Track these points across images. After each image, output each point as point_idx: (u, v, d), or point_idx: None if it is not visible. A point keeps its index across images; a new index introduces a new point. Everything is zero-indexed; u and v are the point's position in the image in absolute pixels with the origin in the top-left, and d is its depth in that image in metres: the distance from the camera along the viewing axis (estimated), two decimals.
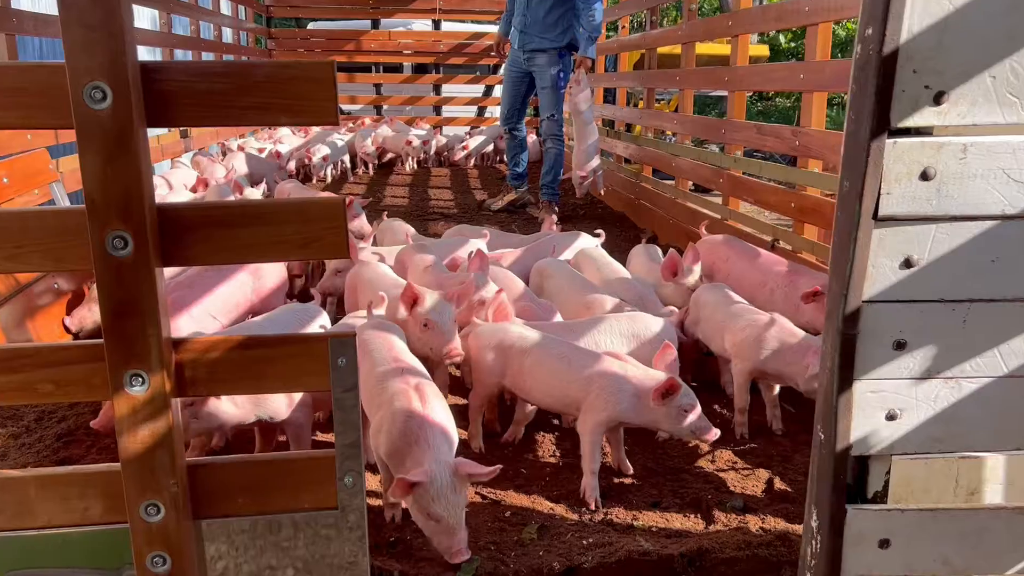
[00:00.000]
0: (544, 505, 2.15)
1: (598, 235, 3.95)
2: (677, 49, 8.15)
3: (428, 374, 2.16)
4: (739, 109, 4.19)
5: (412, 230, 3.80)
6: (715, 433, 2.12)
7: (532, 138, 8.63)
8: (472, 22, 10.98)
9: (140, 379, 1.49)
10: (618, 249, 5.32)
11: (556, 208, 6.18)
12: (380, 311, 2.51)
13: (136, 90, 1.42)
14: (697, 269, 3.18)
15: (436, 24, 10.49)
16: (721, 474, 2.31)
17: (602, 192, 5.98)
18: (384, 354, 2.16)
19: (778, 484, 2.24)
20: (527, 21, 5.82)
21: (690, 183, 5.08)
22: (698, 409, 2.11)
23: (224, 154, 7.77)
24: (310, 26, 11.31)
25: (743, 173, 4.19)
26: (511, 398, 2.64)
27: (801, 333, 2.49)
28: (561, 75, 5.84)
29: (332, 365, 1.61)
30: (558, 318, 2.88)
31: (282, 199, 1.61)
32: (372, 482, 2.25)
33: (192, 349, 1.57)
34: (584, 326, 2.61)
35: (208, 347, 1.58)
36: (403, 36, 10.44)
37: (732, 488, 2.23)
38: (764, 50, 15.20)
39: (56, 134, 3.86)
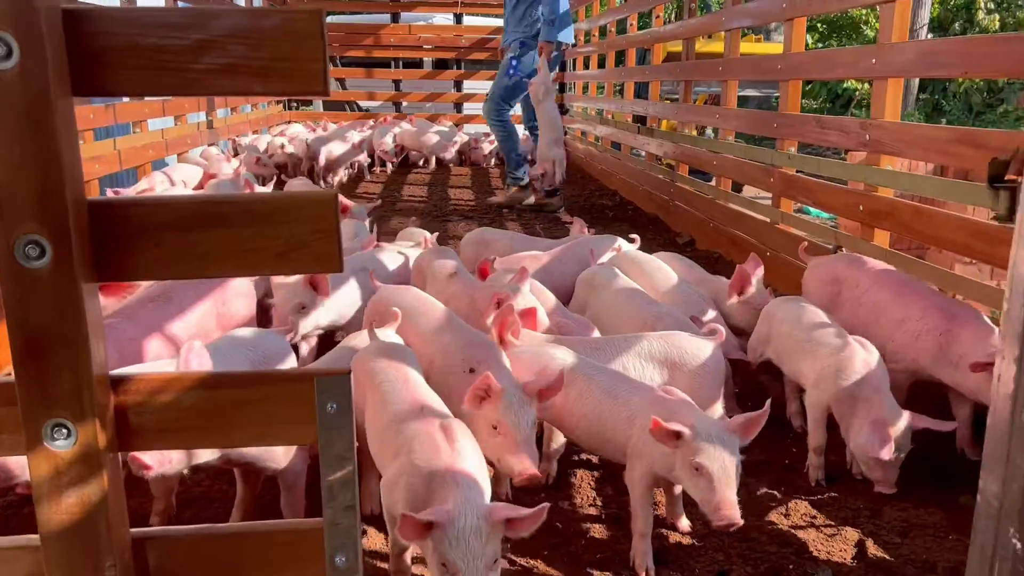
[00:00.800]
0: (584, 574, 1.76)
1: (633, 240, 3.54)
2: (711, 46, 7.74)
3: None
4: (794, 101, 3.78)
5: (430, 236, 3.41)
6: (730, 520, 1.61)
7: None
8: (495, 16, 10.60)
9: (65, 430, 1.13)
10: (650, 253, 4.92)
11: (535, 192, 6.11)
12: (389, 331, 2.11)
13: (54, 45, 1.06)
14: (759, 281, 2.79)
15: (458, 18, 10.12)
16: (799, 533, 1.91)
17: (557, 180, 5.81)
18: (398, 389, 1.76)
19: (872, 548, 1.83)
20: (504, 18, 6.13)
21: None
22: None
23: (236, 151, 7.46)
24: (328, 20, 10.96)
25: (796, 171, 3.77)
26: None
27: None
28: (514, 62, 5.98)
29: (320, 411, 1.23)
30: (597, 333, 2.50)
31: (253, 193, 1.25)
32: (377, 541, 1.87)
33: (137, 390, 1.20)
34: (608, 347, 2.21)
35: (158, 387, 1.21)
36: (423, 30, 10.09)
37: (815, 552, 1.82)
38: (775, 48, 14.71)
39: None
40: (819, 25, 20.07)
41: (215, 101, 6.85)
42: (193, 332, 2.27)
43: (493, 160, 9.04)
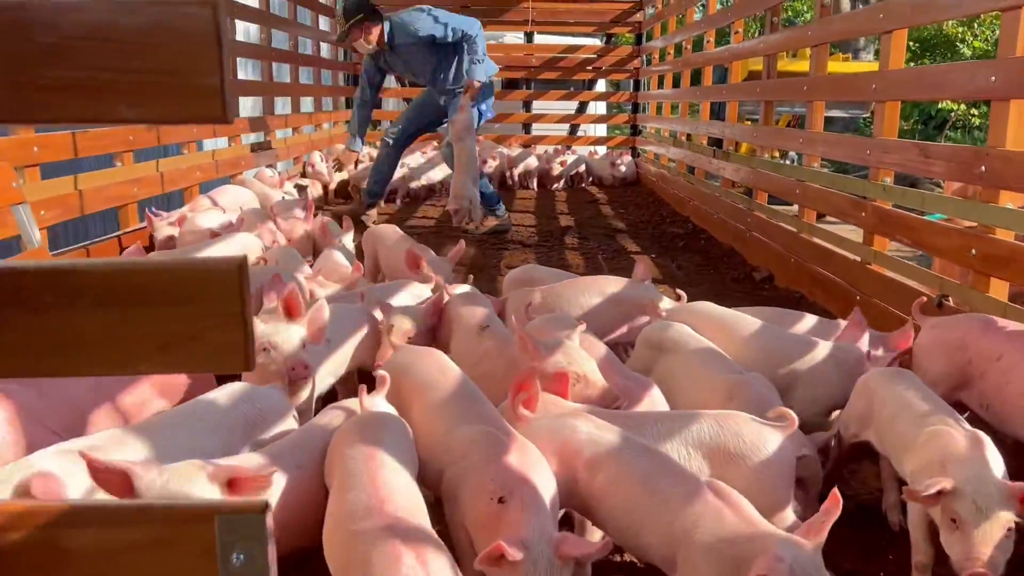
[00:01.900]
0: None
1: (680, 298, 3.03)
2: (796, 65, 7.21)
3: None
4: (891, 125, 3.29)
5: (415, 245, 3.11)
6: None
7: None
8: (567, 35, 10.27)
9: None
10: (726, 291, 4.45)
11: None
12: (378, 399, 1.76)
13: None
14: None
15: (528, 37, 9.82)
16: None
17: (473, 226, 5.65)
18: (361, 485, 1.42)
19: None
20: (429, 84, 6.00)
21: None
22: None
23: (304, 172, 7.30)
24: None
25: (894, 205, 3.28)
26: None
27: None
28: (483, 108, 5.82)
29: (223, 564, 0.88)
30: (658, 400, 2.07)
31: (129, 260, 0.91)
32: None
33: None
34: (648, 425, 1.79)
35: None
36: (493, 50, 9.79)
37: None
38: (873, 67, 13.89)
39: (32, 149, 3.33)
40: (911, 43, 19.12)
41: (270, 121, 6.69)
42: (119, 399, 1.93)
43: (562, 183, 8.68)
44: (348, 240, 3.92)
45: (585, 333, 2.30)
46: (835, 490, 1.37)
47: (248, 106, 6.99)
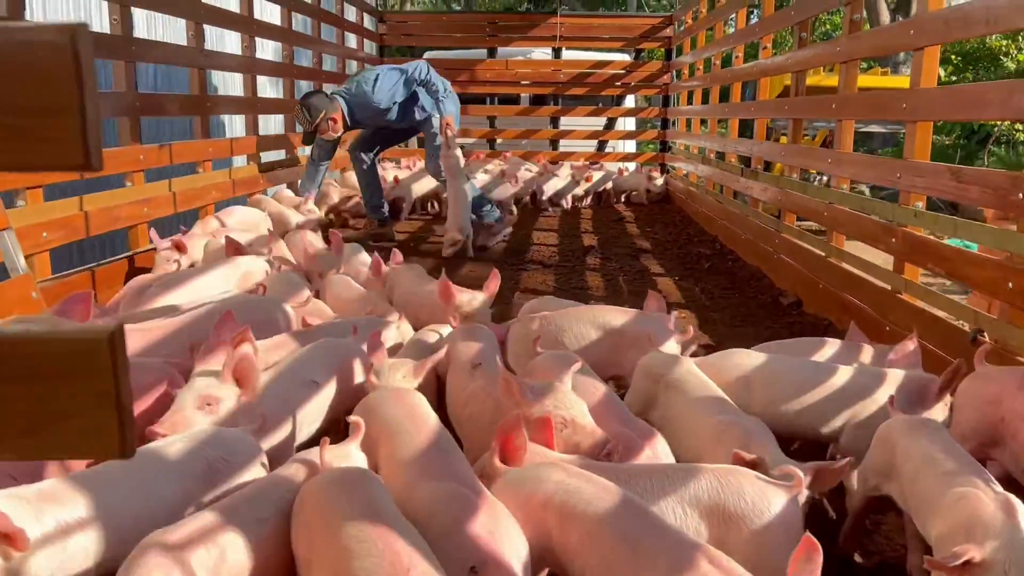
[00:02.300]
0: None
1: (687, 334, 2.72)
2: (829, 80, 7.00)
3: None
4: (922, 146, 3.10)
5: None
6: None
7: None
8: (595, 50, 10.14)
9: None
10: (751, 317, 4.26)
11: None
12: (351, 447, 1.62)
13: None
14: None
15: (556, 52, 9.70)
16: None
17: (471, 252, 5.58)
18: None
19: None
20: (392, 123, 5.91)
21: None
22: None
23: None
24: (424, 56, 10.81)
25: (926, 232, 3.08)
26: None
27: None
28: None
29: None
30: (661, 451, 1.90)
31: None
32: None
33: None
34: (641, 479, 1.64)
35: None
36: (521, 66, 9.72)
37: None
38: (904, 82, 13.55)
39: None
40: (953, 57, 18.66)
41: (292, 138, 6.65)
42: None
43: (588, 200, 8.54)
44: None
45: (583, 373, 2.15)
46: (806, 536, 1.22)
47: (271, 124, 6.96)
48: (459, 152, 5.56)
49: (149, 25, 6.61)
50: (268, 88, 7.11)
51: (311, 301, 2.93)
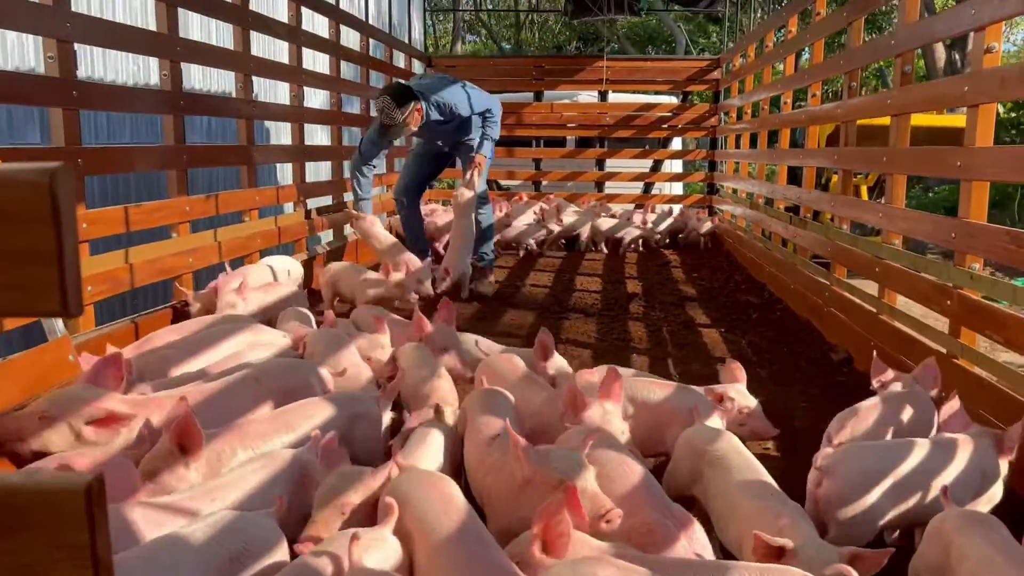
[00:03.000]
0: None
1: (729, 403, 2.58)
2: (882, 120, 6.85)
3: None
4: (978, 207, 2.97)
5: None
6: None
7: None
8: (641, 92, 10.12)
9: None
10: (799, 374, 4.12)
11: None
12: (385, 531, 1.56)
13: None
14: None
15: (602, 95, 9.71)
16: None
17: (465, 294, 5.60)
18: None
19: None
20: (448, 134, 5.80)
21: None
22: None
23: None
24: None
25: (984, 297, 2.94)
26: None
27: None
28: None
29: None
30: (701, 541, 1.81)
31: None
32: None
33: None
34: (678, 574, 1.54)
35: None
36: (567, 108, 9.74)
37: None
38: (960, 120, 13.17)
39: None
40: None
41: (338, 184, 6.72)
42: None
43: (634, 244, 8.46)
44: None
45: (622, 451, 2.07)
46: None
47: (320, 171, 7.06)
48: (473, 194, 5.60)
49: (198, 77, 6.80)
50: (316, 133, 7.22)
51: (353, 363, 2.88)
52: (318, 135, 7.94)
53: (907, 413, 2.46)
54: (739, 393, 2.57)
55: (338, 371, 2.70)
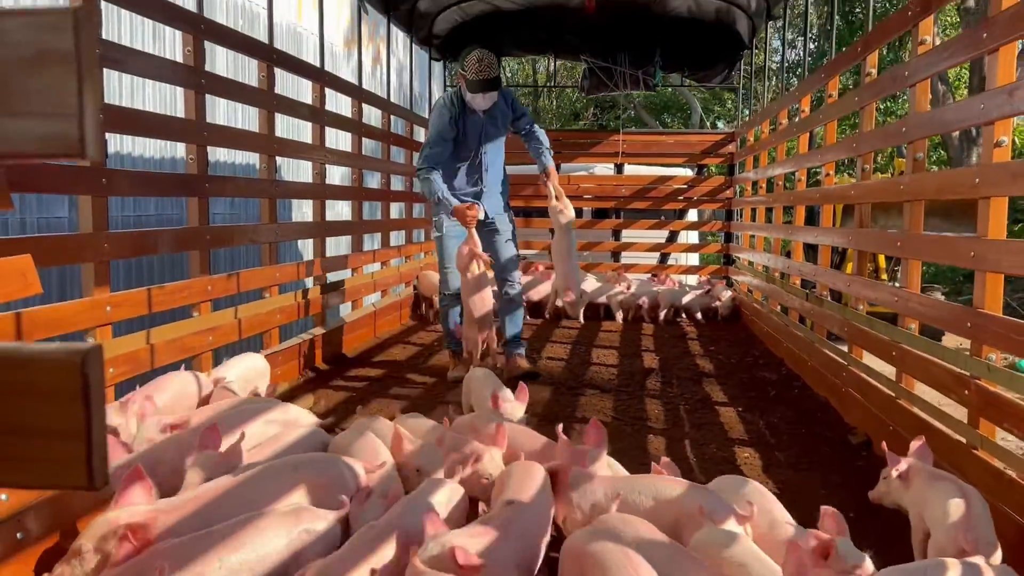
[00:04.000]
0: None
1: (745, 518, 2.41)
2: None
3: None
4: (993, 298, 2.97)
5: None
6: None
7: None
8: (657, 165, 10.25)
9: None
10: (818, 457, 4.07)
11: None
12: None
13: None
14: None
15: (618, 168, 9.85)
16: None
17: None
18: None
19: None
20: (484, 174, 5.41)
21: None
22: None
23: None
24: None
25: (1001, 387, 2.92)
26: None
27: None
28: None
29: None
30: None
31: None
32: None
33: None
34: None
35: None
36: (584, 180, 9.89)
37: None
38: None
39: None
40: None
41: (357, 258, 6.81)
42: None
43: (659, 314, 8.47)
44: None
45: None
46: None
47: (340, 245, 7.17)
48: (567, 206, 5.60)
49: (223, 151, 6.98)
50: (337, 206, 7.36)
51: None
52: (338, 208, 8.09)
53: None
54: (848, 549, 2.04)
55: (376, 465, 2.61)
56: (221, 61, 7.21)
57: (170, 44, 6.80)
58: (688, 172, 10.33)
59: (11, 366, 0.68)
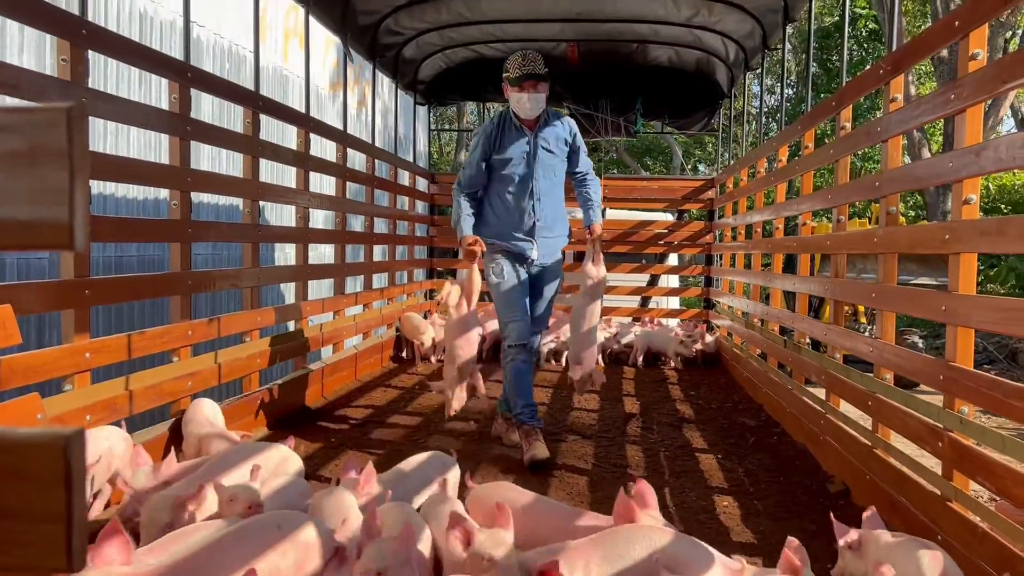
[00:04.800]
0: None
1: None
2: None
3: None
4: (964, 351, 3.03)
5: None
6: None
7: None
8: (639, 210, 10.39)
9: None
10: (796, 506, 4.08)
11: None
12: None
13: None
14: None
15: (601, 212, 9.96)
16: None
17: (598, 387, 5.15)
18: None
19: None
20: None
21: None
22: None
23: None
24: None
25: (975, 443, 2.96)
26: None
27: None
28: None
29: None
30: None
31: None
32: None
33: None
34: None
35: None
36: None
37: None
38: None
39: None
40: (1002, 207, 18.61)
41: (339, 300, 6.82)
42: None
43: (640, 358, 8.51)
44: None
45: None
46: None
47: (322, 288, 7.17)
48: (604, 272, 5.07)
49: (203, 196, 6.99)
50: (320, 248, 7.37)
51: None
52: (321, 250, 8.10)
53: None
54: None
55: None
56: (207, 104, 7.27)
57: (156, 87, 6.86)
58: (669, 217, 10.46)
59: None
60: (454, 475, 3.44)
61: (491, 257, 4.73)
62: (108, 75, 6.38)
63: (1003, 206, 18.38)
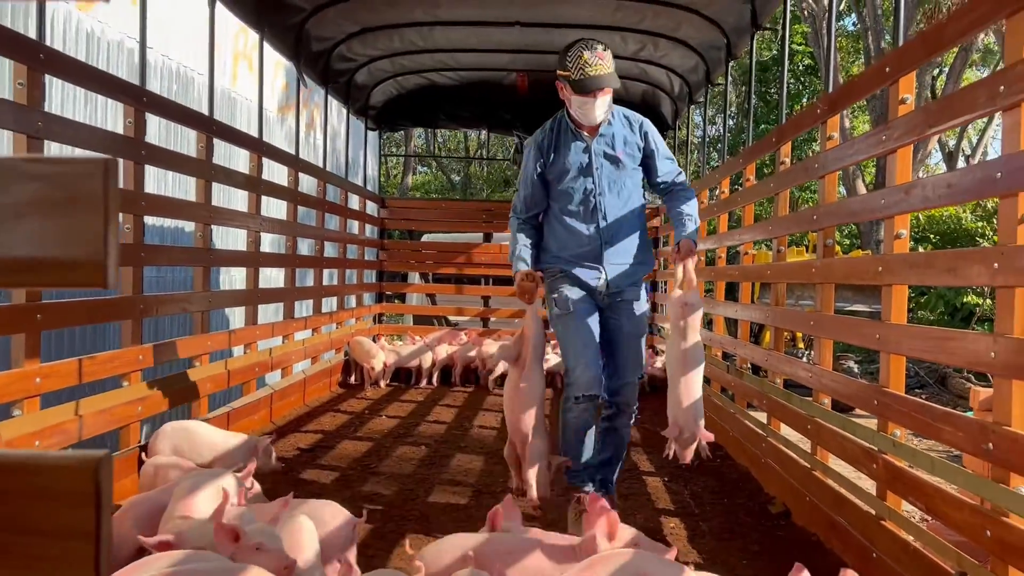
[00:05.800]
0: None
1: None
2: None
3: None
4: (896, 376, 3.22)
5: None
6: None
7: None
8: None
9: None
10: (740, 527, 4.23)
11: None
12: None
13: None
14: None
15: None
16: None
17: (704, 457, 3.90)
18: None
19: None
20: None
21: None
22: None
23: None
24: (424, 238, 11.27)
25: (908, 464, 3.14)
26: None
27: None
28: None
29: None
30: None
31: None
32: None
33: None
34: None
35: None
36: (503, 252, 10.17)
37: None
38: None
39: None
40: (932, 236, 19.40)
41: (288, 325, 6.80)
42: None
43: None
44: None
45: None
46: None
47: (270, 313, 7.14)
48: (699, 298, 3.85)
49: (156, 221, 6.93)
50: (270, 272, 7.34)
51: None
52: (268, 272, 8.06)
53: None
54: None
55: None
56: (152, 125, 7.20)
57: (103, 109, 6.79)
58: None
59: (29, 472, 0.75)
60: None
61: (553, 287, 3.93)
62: (53, 95, 6.29)
63: (932, 235, 19.17)
